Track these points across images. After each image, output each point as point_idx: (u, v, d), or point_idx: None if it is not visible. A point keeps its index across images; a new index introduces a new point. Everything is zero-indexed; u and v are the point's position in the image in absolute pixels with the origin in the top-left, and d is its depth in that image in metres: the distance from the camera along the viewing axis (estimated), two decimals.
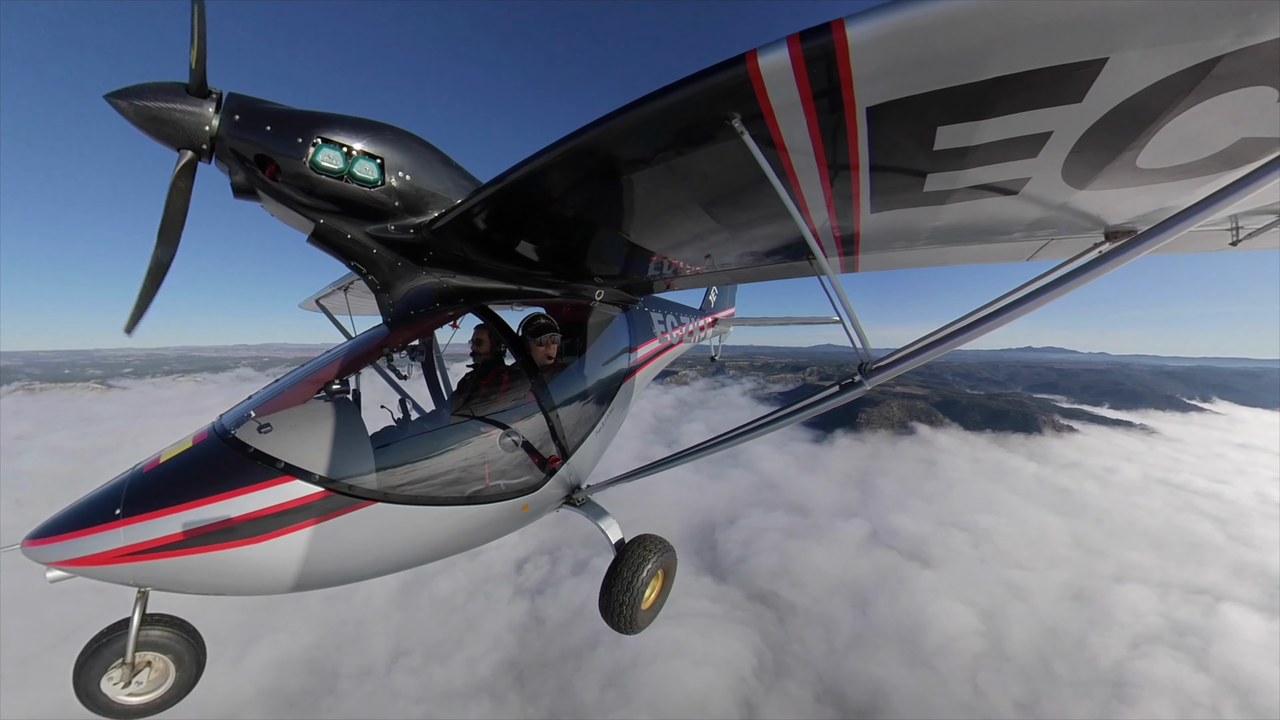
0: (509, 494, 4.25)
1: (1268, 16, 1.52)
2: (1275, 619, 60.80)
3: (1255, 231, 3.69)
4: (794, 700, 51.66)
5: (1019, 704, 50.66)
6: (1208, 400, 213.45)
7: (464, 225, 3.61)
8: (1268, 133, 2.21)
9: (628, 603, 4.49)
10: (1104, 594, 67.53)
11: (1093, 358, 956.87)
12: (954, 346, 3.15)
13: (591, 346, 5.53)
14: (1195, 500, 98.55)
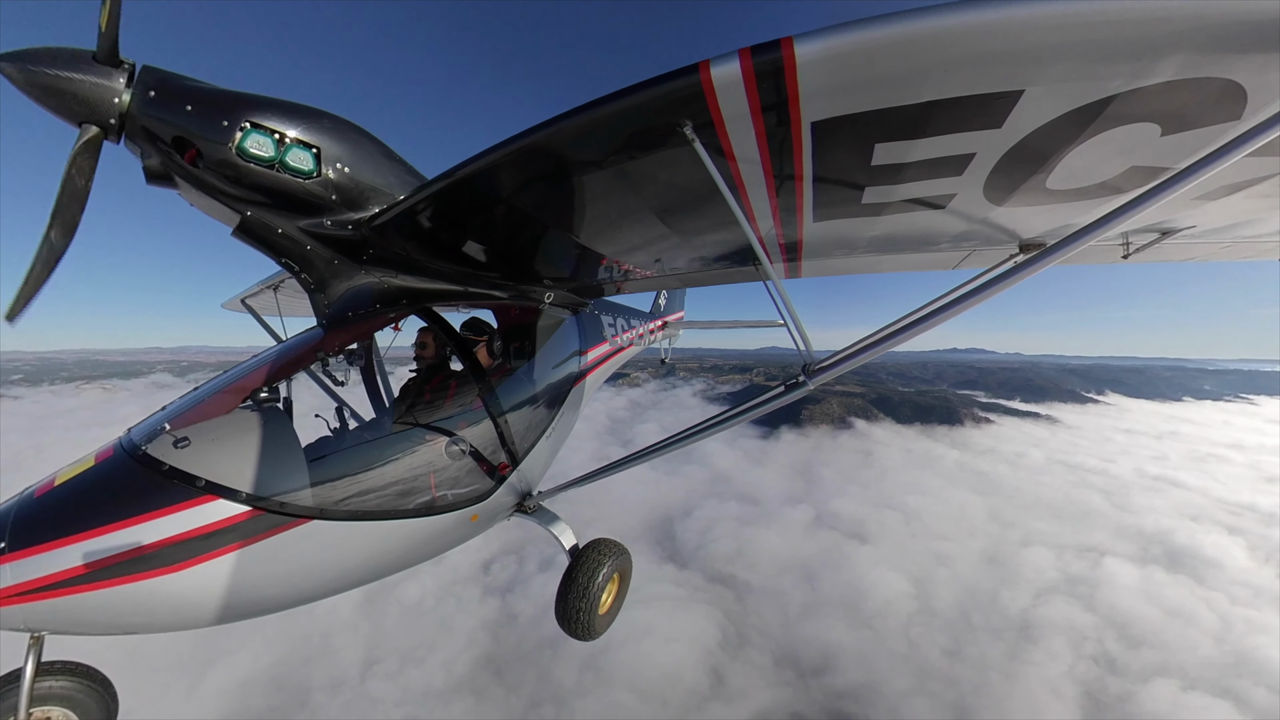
0: (457, 504, 4.06)
1: (1152, 65, 1.78)
2: (1145, 567, 74.88)
3: (1142, 247, 4.14)
4: (756, 666, 57.44)
5: (946, 651, 59.25)
6: (1101, 393, 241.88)
7: (407, 223, 3.44)
8: (1151, 162, 2.55)
9: (585, 609, 4.40)
10: (1013, 557, 78.97)
11: (1009, 358, 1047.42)
12: (889, 348, 3.27)
13: (541, 350, 5.35)
14: (1087, 477, 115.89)
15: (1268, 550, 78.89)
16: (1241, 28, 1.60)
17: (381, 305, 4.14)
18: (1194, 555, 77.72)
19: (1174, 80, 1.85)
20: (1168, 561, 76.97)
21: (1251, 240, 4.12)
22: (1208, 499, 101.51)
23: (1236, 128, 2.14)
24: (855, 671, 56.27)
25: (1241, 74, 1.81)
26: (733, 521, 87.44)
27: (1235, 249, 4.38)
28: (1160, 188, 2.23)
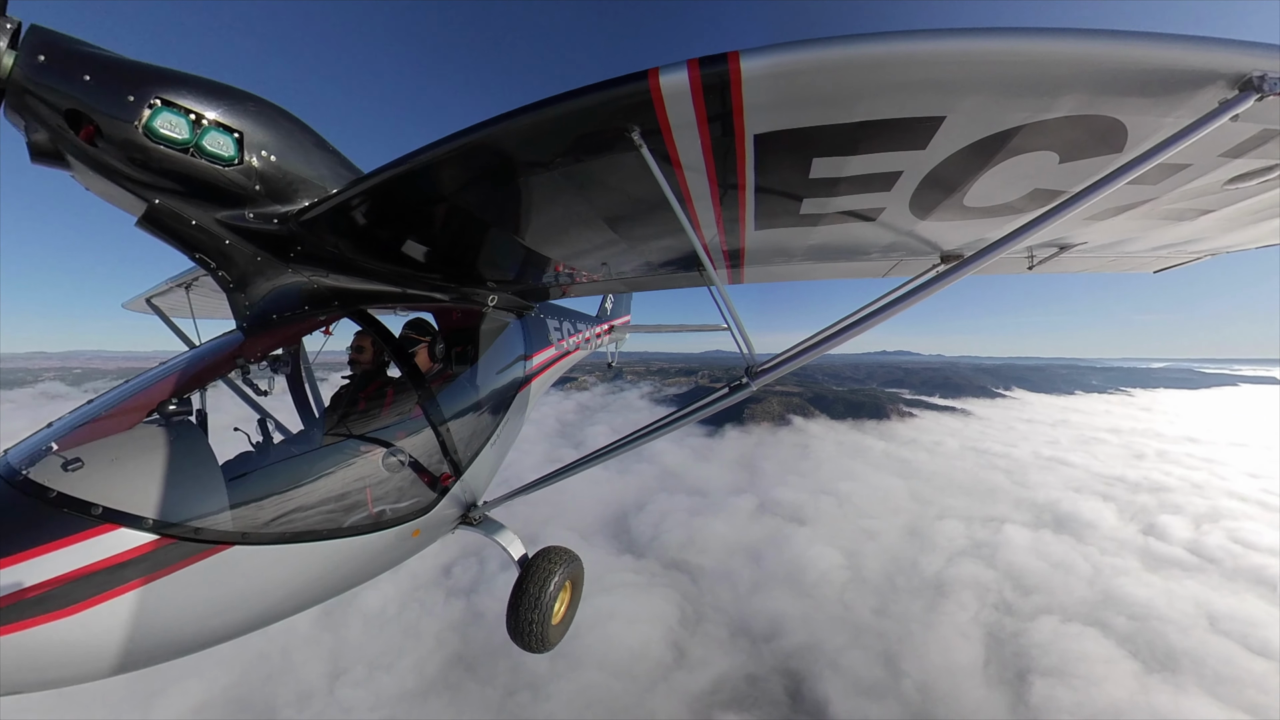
0: (396, 520, 3.80)
1: (1052, 102, 2.05)
2: (1037, 531, 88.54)
3: (1044, 259, 4.65)
4: (713, 639, 63.12)
5: (875, 610, 67.83)
6: (1008, 389, 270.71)
7: (340, 219, 3.24)
8: (1051, 186, 2.86)
9: (537, 620, 4.30)
10: (930, 529, 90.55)
11: (931, 359, 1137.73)
12: (825, 350, 3.47)
13: (484, 354, 5.15)
14: (993, 459, 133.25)
15: (1132, 512, 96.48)
16: (1123, 76, 1.89)
17: (310, 307, 3.78)
18: (1075, 519, 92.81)
19: (1070, 116, 2.13)
20: (1055, 525, 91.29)
21: (1132, 255, 4.58)
22: (1088, 474, 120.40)
23: (1120, 159, 2.46)
24: (799, 634, 63.33)
25: (1123, 114, 2.12)
26: (683, 513, 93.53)
27: (1119, 262, 4.85)
28: (1058, 208, 2.47)
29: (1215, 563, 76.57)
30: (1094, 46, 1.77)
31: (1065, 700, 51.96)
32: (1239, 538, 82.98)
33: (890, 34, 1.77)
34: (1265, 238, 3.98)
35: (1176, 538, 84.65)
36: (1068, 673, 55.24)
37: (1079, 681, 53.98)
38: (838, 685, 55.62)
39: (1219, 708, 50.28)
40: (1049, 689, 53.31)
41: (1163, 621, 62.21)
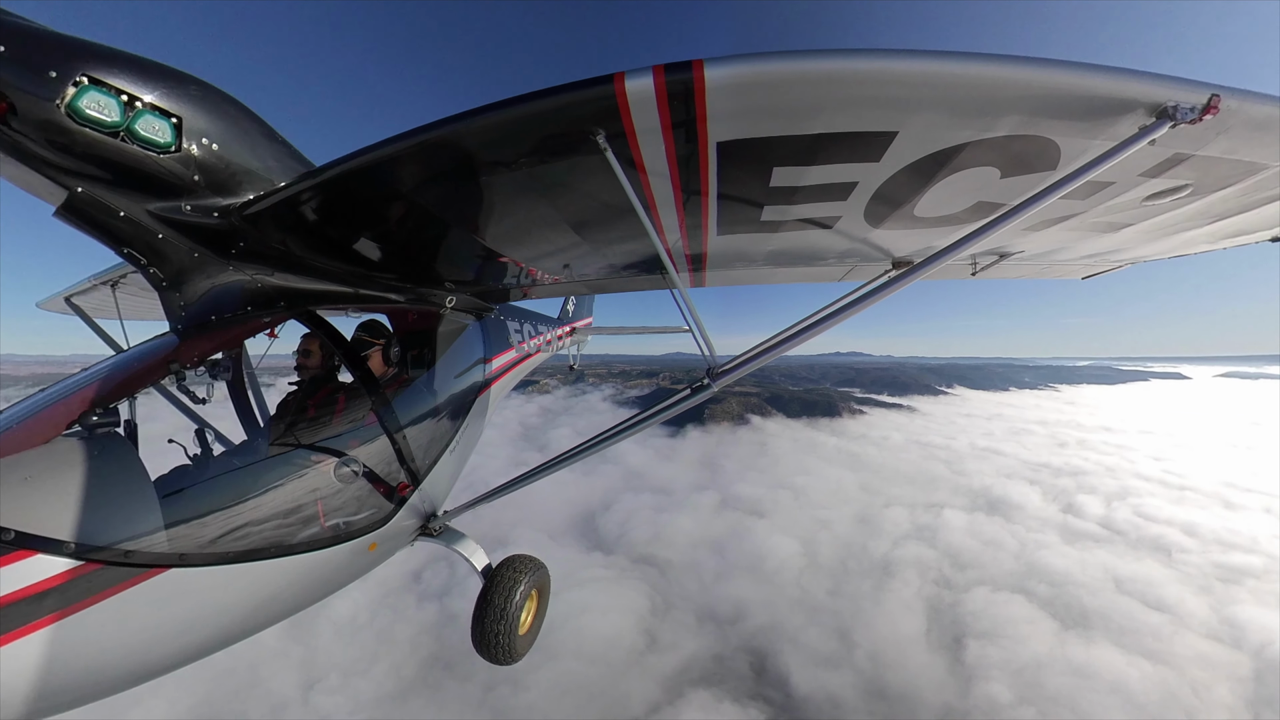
0: (351, 533, 3.63)
1: (994, 122, 2.20)
2: (972, 514, 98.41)
3: (986, 266, 4.95)
4: (682, 625, 67.34)
5: (829, 591, 74.22)
6: (951, 387, 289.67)
7: (288, 214, 3.05)
8: (993, 199, 3.06)
9: (504, 631, 4.19)
10: (877, 516, 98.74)
11: (881, 359, 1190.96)
12: (783, 352, 3.52)
13: (442, 358, 4.98)
14: (934, 451, 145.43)
15: (1054, 494, 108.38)
16: (1057, 101, 2.07)
17: (253, 307, 3.50)
18: (1005, 502, 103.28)
19: (1009, 135, 2.30)
20: (988, 508, 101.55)
21: (1063, 263, 5.02)
22: (1018, 461, 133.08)
23: (1053, 175, 2.65)
24: (761, 617, 68.51)
25: (1057, 135, 2.30)
26: (649, 510, 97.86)
27: (1052, 269, 5.28)
28: (999, 220, 2.65)
29: (1122, 534, 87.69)
30: (1032, 73, 1.92)
31: (995, 658, 58.70)
32: (1142, 512, 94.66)
33: (848, 50, 1.86)
34: (1178, 249, 4.31)
35: (1090, 514, 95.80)
36: (997, 634, 62.32)
37: (1006, 641, 61.09)
38: (797, 659, 60.75)
39: (1122, 655, 58.35)
40: (981, 649, 59.95)
41: (1077, 586, 71.33)
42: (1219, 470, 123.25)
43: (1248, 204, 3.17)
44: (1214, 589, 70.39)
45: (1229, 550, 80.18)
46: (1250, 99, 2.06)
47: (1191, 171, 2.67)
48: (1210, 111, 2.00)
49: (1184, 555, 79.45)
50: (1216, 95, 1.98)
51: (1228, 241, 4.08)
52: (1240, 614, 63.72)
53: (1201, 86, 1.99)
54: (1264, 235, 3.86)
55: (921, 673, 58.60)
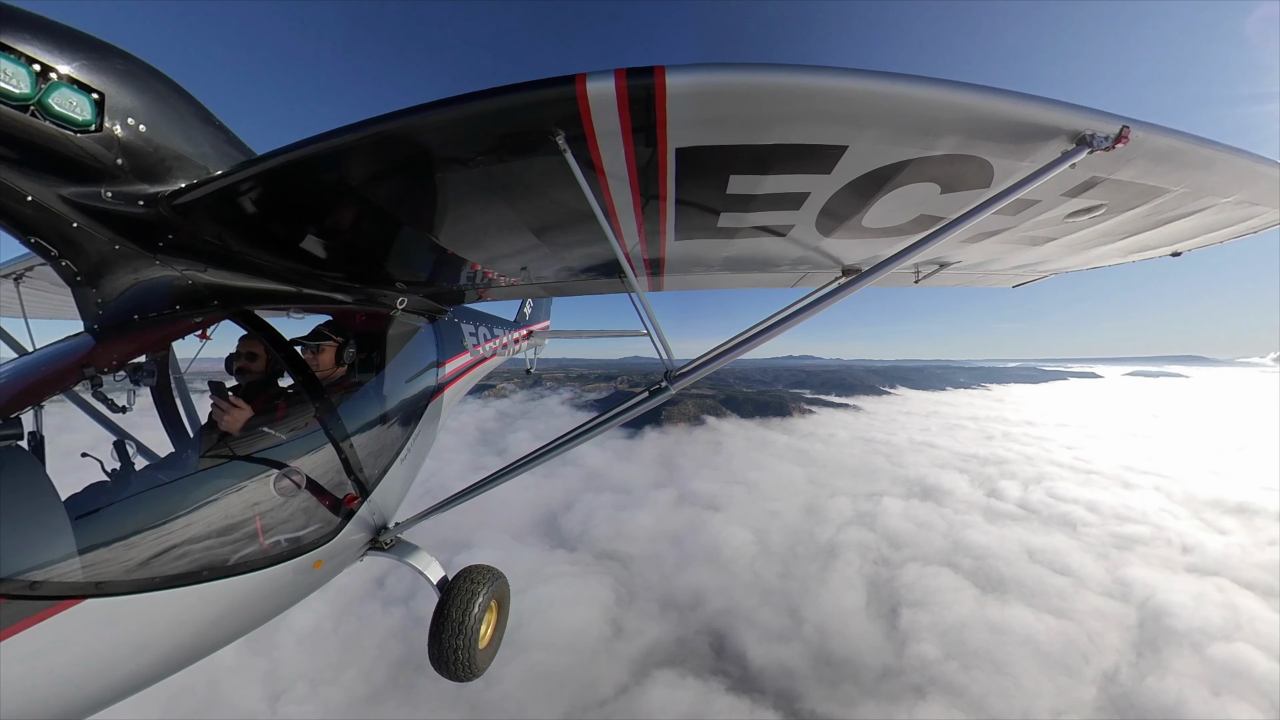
0: (293, 551, 3.41)
1: (935, 141, 2.34)
2: (907, 501, 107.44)
3: (928, 275, 5.24)
4: (646, 613, 71.28)
5: (780, 575, 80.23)
6: (893, 387, 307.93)
7: (224, 205, 2.80)
8: (933, 212, 3.23)
9: (463, 646, 4.05)
10: (823, 505, 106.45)
11: (831, 362, 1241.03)
12: (739, 355, 3.63)
13: (392, 361, 4.79)
14: (876, 446, 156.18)
15: (980, 480, 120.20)
16: (991, 125, 2.23)
17: (183, 306, 3.19)
18: (937, 489, 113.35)
19: (949, 154, 2.45)
20: (921, 495, 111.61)
21: (997, 272, 5.36)
22: (950, 453, 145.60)
23: (988, 193, 2.83)
24: (719, 601, 73.62)
25: (991, 155, 2.47)
26: (609, 509, 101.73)
27: (987, 278, 5.62)
28: (939, 232, 2.81)
29: (1035, 513, 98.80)
30: (970, 98, 2.07)
31: (925, 622, 66.17)
32: (1054, 493, 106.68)
33: (805, 67, 1.92)
34: (1094, 261, 4.76)
35: (1010, 497, 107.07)
36: (927, 602, 69.99)
37: (935, 607, 68.84)
38: (753, 636, 65.90)
39: (1032, 613, 66.83)
40: (913, 615, 67.57)
41: (996, 558, 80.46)
42: (1120, 456, 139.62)
43: (1152, 223, 3.46)
44: (1110, 555, 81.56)
45: (1124, 523, 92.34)
46: (1154, 131, 2.31)
47: (1105, 193, 2.95)
48: (1121, 141, 2.23)
49: (1086, 529, 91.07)
50: (1127, 127, 2.20)
51: (1136, 255, 4.44)
52: (1129, 574, 74.44)
53: (1115, 119, 2.20)
54: (1165, 250, 4.20)
55: (862, 640, 65.18)
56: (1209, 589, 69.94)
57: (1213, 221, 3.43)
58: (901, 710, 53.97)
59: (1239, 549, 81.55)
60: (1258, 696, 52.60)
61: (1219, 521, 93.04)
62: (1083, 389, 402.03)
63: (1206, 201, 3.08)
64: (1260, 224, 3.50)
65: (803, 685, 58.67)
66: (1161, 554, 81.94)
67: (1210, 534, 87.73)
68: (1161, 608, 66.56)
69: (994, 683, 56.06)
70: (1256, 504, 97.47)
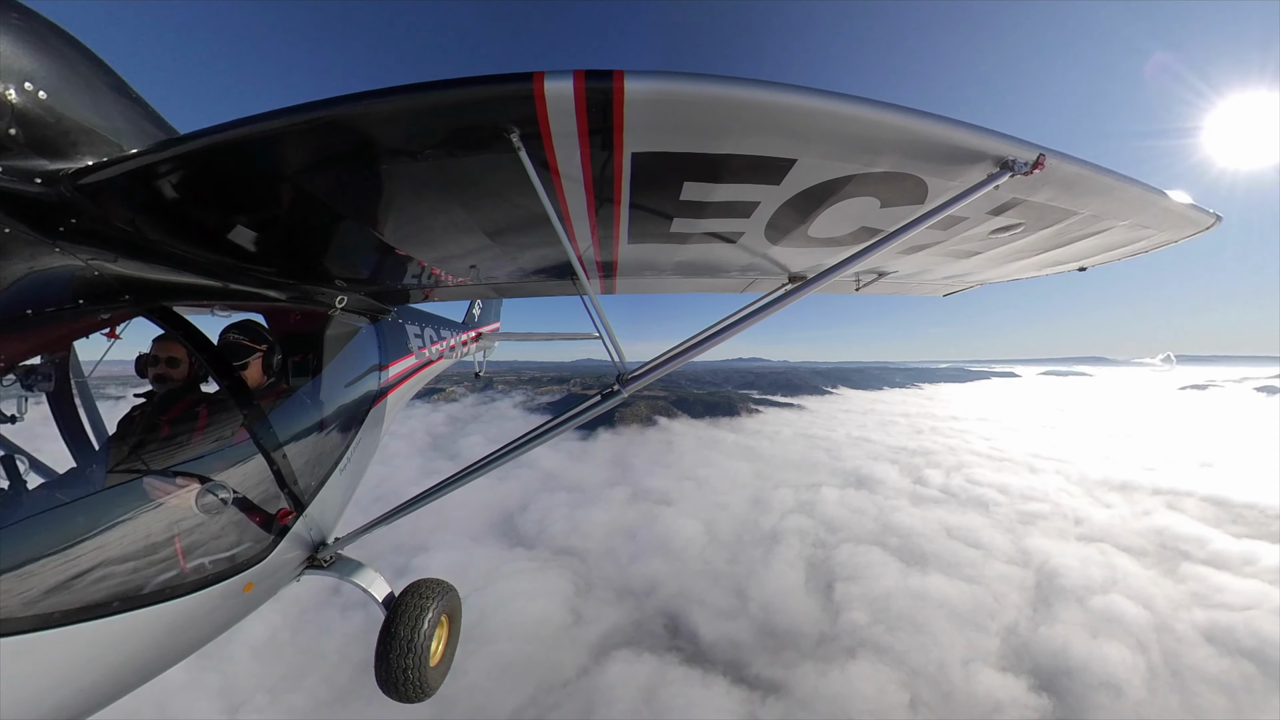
0: (220, 574, 3.10)
1: (876, 159, 2.46)
2: (844, 490, 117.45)
3: (868, 283, 5.50)
4: (605, 601, 75.31)
5: (728, 560, 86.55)
6: (835, 388, 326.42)
7: (140, 187, 2.46)
8: (873, 225, 3.37)
9: (413, 665, 3.83)
10: (768, 497, 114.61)
11: (778, 364, 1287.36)
12: (690, 358, 3.67)
13: (330, 364, 4.49)
14: (817, 442, 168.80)
15: (908, 470, 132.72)
16: (927, 146, 2.38)
17: (87, 301, 2.78)
18: (871, 479, 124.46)
19: (889, 171, 2.58)
20: (856, 484, 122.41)
21: (930, 282, 5.69)
22: (883, 446, 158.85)
23: (922, 209, 2.99)
24: (672, 587, 78.92)
25: (926, 174, 2.64)
26: (565, 507, 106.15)
27: (922, 287, 5.96)
28: (878, 243, 2.98)
29: (955, 496, 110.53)
30: (909, 121, 2.20)
31: (856, 593, 74.12)
32: (971, 479, 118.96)
33: (760, 81, 1.96)
34: (1015, 273, 5.17)
35: (934, 484, 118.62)
36: (858, 577, 78.20)
37: (865, 581, 77.11)
38: (704, 615, 71.38)
39: (948, 581, 76.13)
40: (846, 589, 75.53)
41: (919, 537, 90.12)
42: (1030, 445, 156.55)
43: (1062, 241, 3.83)
44: (1015, 529, 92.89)
45: (1029, 501, 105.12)
46: (1065, 160, 2.55)
47: (1023, 213, 3.21)
48: (1038, 167, 2.45)
49: (997, 508, 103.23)
50: (1043, 155, 2.43)
51: (1049, 270, 4.89)
52: (1030, 544, 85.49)
53: (1033, 147, 2.43)
54: (1074, 266, 4.68)
55: (802, 612, 72.24)
56: (1093, 553, 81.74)
57: (1112, 241, 3.80)
58: (835, 669, 60.39)
59: (1120, 519, 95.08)
60: (1126, 636, 62.62)
61: (1105, 497, 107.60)
62: (1003, 387, 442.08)
63: (1107, 224, 3.40)
64: (1151, 244, 3.90)
65: (749, 655, 64.62)
66: (1058, 526, 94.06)
67: (1098, 508, 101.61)
68: (1054, 570, 77.11)
69: (914, 641, 63.67)
70: (1137, 482, 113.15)
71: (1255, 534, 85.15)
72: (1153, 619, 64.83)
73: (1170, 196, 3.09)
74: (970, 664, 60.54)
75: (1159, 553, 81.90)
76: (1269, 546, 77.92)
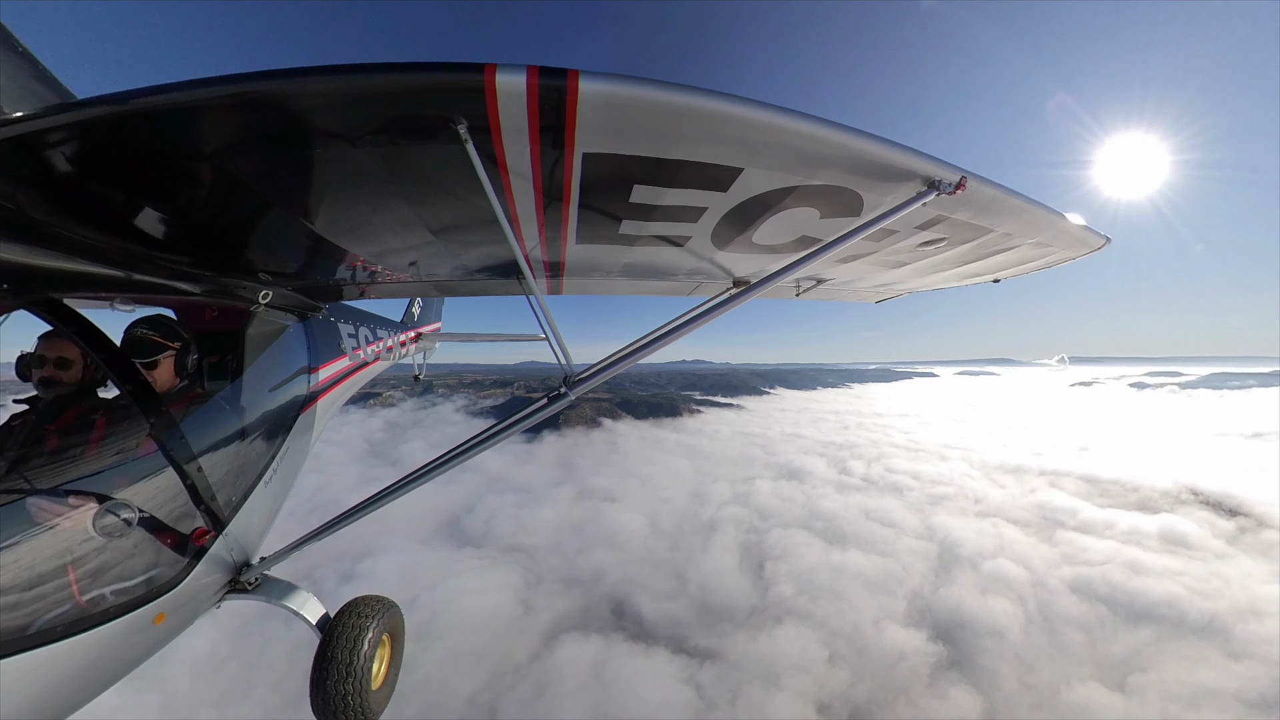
0: (124, 607, 2.71)
1: (817, 171, 2.58)
2: (776, 481, 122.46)
3: (807, 289, 5.79)
4: (553, 591, 78.19)
5: (668, 549, 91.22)
6: (773, 388, 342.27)
7: (22, 158, 2.09)
8: (813, 234, 3.53)
9: (353, 690, 3.56)
10: (707, 490, 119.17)
11: (720, 366, 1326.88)
12: (637, 360, 3.69)
13: (252, 366, 4.12)
14: (754, 439, 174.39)
15: (835, 462, 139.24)
16: (863, 163, 2.53)
17: None
18: (801, 470, 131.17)
19: (828, 184, 2.72)
20: (787, 476, 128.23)
21: (864, 289, 6.04)
22: (814, 441, 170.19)
23: (857, 221, 3.17)
24: (617, 575, 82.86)
25: (861, 189, 2.80)
26: (511, 508, 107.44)
27: (856, 294, 6.34)
28: (816, 251, 3.15)
29: (874, 484, 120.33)
30: (849, 138, 2.32)
31: (784, 570, 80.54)
32: (889, 468, 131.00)
33: (712, 91, 2.01)
34: (939, 283, 5.60)
35: (856, 473, 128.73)
36: (786, 556, 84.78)
37: (792, 559, 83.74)
38: (647, 598, 75.74)
39: (864, 556, 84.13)
40: (775, 567, 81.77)
41: (840, 520, 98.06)
42: (941, 437, 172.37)
43: (980, 255, 4.19)
44: (924, 510, 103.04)
45: (937, 485, 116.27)
46: (983, 183, 2.79)
47: (947, 229, 3.49)
48: (961, 188, 2.67)
49: (910, 492, 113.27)
50: (965, 177, 2.64)
51: (968, 280, 5.32)
52: (936, 521, 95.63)
53: (957, 169, 2.63)
54: (989, 277, 5.14)
55: (735, 590, 78.12)
56: (987, 526, 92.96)
57: (1022, 256, 4.24)
58: (764, 635, 66.90)
59: (1011, 497, 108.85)
60: (1009, 592, 73.11)
61: (1001, 479, 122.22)
62: (923, 386, 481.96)
63: (1016, 241, 3.78)
64: (1053, 261, 4.40)
65: (688, 630, 69.64)
66: (960, 505, 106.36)
67: (994, 488, 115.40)
68: (955, 542, 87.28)
69: (834, 607, 70.84)
70: (1027, 465, 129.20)
71: (1116, 504, 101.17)
72: (1030, 576, 75.97)
73: (1069, 219, 3.47)
74: (880, 623, 68.65)
75: (1040, 523, 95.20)
76: (1125, 513, 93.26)
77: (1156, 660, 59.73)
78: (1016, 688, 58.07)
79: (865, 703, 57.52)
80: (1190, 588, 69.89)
